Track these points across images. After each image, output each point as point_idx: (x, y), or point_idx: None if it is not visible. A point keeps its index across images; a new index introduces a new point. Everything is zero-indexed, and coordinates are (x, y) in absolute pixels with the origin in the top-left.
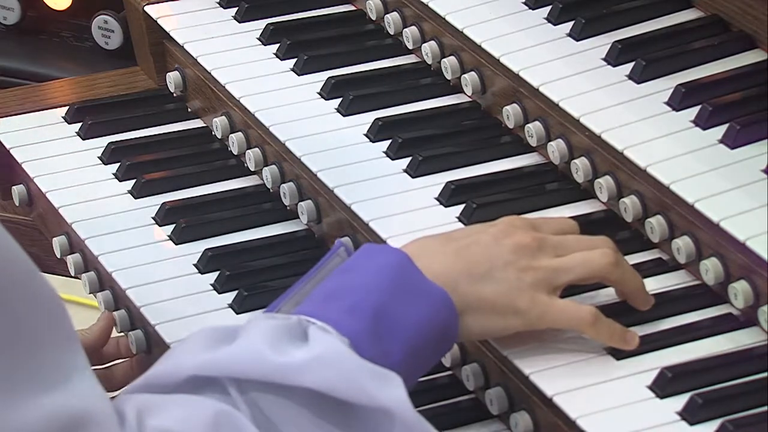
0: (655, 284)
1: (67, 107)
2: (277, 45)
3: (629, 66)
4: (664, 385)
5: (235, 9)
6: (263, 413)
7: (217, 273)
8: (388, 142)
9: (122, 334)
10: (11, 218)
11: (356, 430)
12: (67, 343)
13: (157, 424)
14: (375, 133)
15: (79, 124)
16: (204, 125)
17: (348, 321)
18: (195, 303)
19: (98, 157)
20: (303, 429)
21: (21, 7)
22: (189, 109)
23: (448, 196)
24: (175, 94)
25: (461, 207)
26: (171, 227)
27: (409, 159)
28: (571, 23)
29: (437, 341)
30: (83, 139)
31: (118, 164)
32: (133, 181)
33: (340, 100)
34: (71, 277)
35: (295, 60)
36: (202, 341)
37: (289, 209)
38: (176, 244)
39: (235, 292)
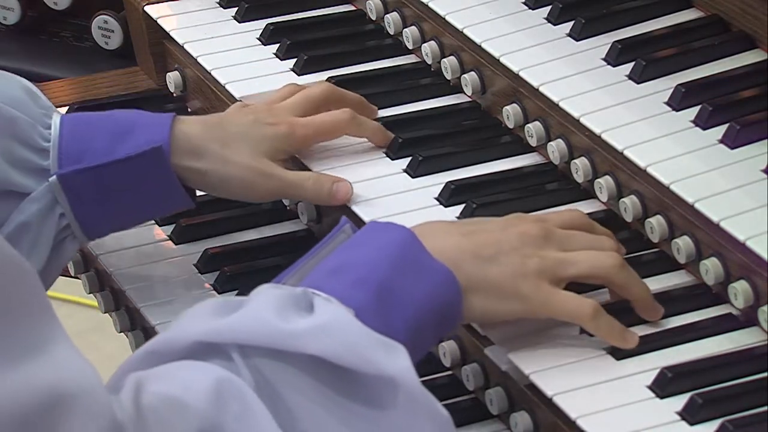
0: (655, 284)
1: (67, 107)
2: (277, 45)
3: (629, 66)
4: (664, 385)
5: (235, 9)
6: (266, 379)
7: (217, 273)
8: None
9: (122, 333)
10: None
11: (359, 398)
12: (38, 313)
13: (157, 389)
14: None
15: None
16: None
17: (353, 294)
18: (195, 303)
19: None
20: (306, 396)
21: (21, 7)
22: (189, 109)
23: (448, 196)
24: (175, 94)
25: (461, 207)
26: (171, 227)
27: (409, 159)
28: (571, 23)
29: (440, 319)
30: None
31: None
32: None
33: None
34: (71, 277)
35: (295, 60)
36: (208, 310)
37: (289, 209)
38: (176, 244)
39: (235, 292)
